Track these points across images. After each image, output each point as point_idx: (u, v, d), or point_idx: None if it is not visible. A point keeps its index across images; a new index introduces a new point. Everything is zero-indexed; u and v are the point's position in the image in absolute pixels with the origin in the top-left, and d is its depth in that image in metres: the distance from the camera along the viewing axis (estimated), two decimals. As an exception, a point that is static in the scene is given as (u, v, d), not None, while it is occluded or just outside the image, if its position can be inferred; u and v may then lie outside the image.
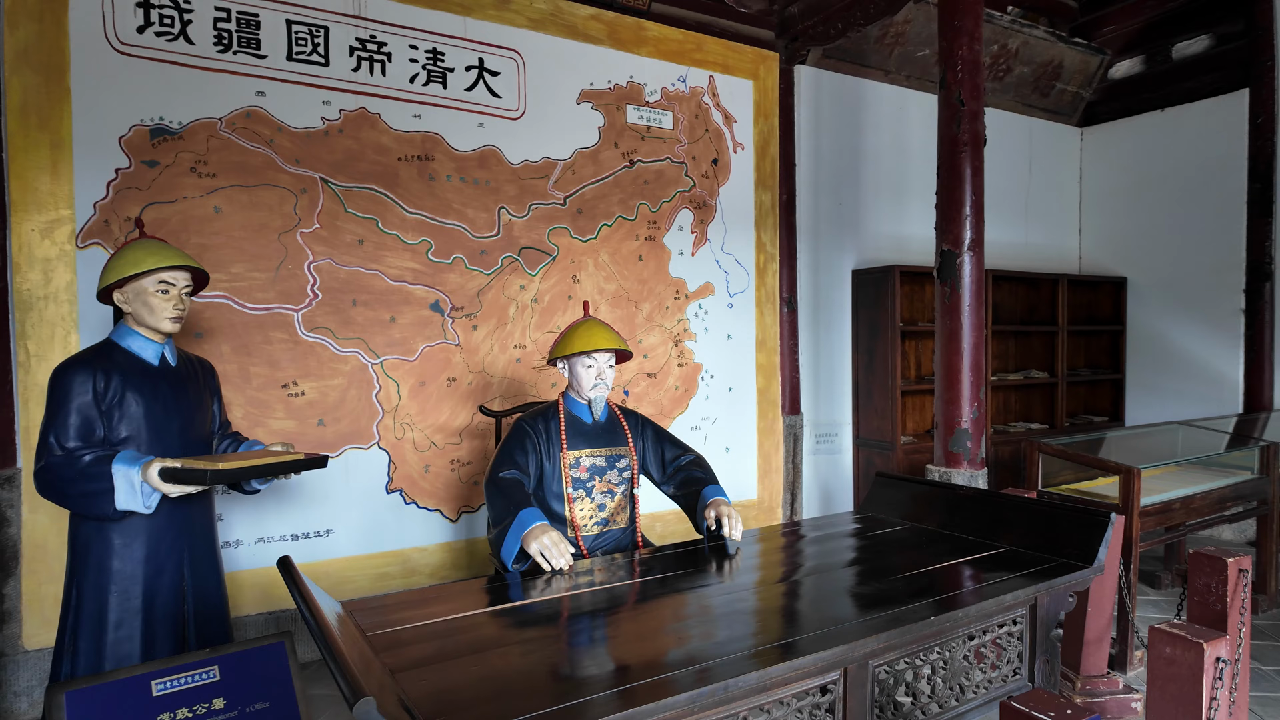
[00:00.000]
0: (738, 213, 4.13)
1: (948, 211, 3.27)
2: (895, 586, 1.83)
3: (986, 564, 2.01)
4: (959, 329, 3.25)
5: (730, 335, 4.13)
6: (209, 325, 2.90)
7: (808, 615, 1.68)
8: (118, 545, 1.98)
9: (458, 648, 1.51)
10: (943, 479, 3.26)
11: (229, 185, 2.91)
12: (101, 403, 1.96)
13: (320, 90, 3.07)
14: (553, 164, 3.57)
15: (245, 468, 1.93)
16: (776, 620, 1.65)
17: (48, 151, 2.64)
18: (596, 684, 1.34)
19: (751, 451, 4.21)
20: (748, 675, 1.36)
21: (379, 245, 3.19)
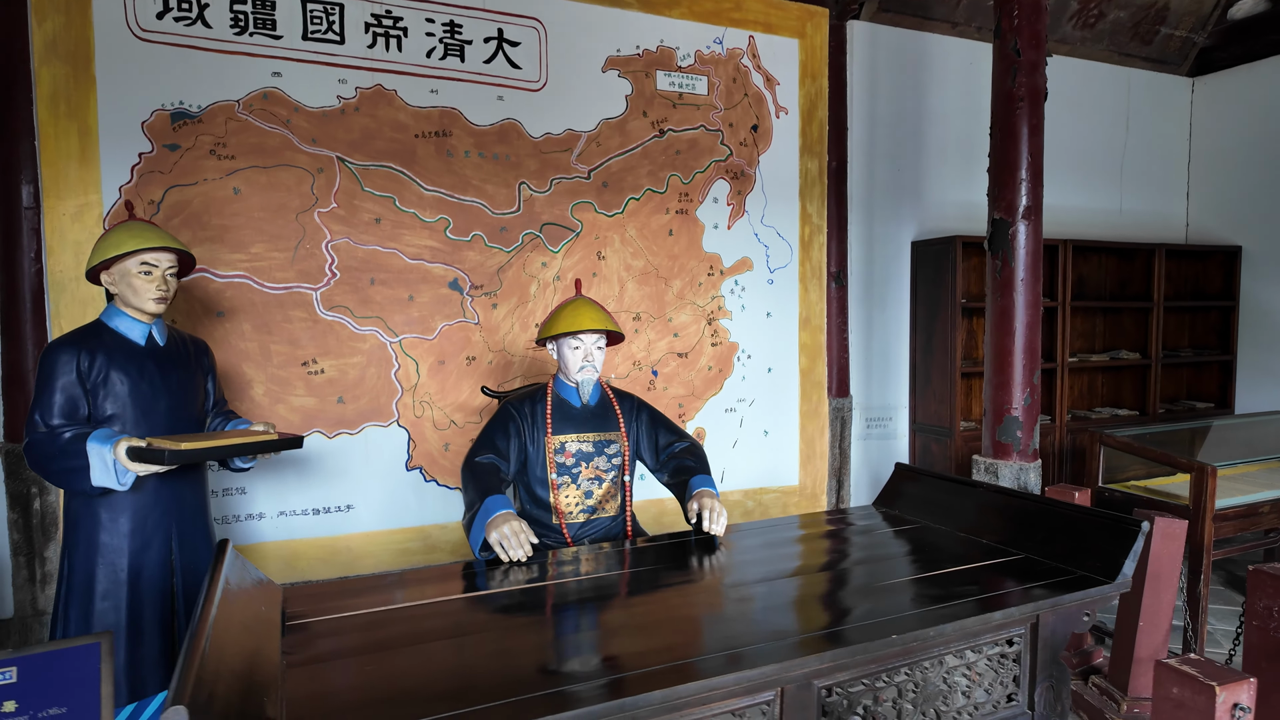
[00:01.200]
0: (780, 182, 3.89)
1: (1001, 175, 2.95)
2: (873, 595, 1.65)
3: (992, 573, 1.78)
4: (1011, 306, 2.93)
5: (770, 313, 3.91)
6: (230, 305, 2.97)
7: (757, 624, 1.52)
8: (105, 519, 2.05)
9: (377, 642, 1.45)
10: (989, 471, 2.97)
11: (247, 166, 2.96)
12: (86, 381, 2.02)
13: (336, 69, 3.07)
14: (576, 136, 3.45)
15: (207, 448, 1.94)
16: (719, 629, 1.51)
17: (76, 139, 2.75)
18: (492, 692, 1.25)
19: (793, 436, 4.00)
20: (651, 694, 1.24)
21: (397, 224, 3.18)
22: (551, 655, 1.39)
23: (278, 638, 1.44)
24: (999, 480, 2.95)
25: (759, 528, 2.26)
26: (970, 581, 1.73)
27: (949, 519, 2.18)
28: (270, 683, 1.24)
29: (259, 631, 1.41)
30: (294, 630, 1.50)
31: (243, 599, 1.48)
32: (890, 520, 2.26)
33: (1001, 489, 2.11)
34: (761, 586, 1.74)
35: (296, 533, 3.12)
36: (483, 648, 1.43)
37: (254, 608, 1.49)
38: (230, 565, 1.57)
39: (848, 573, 1.82)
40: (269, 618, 1.50)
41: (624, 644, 1.43)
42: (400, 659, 1.38)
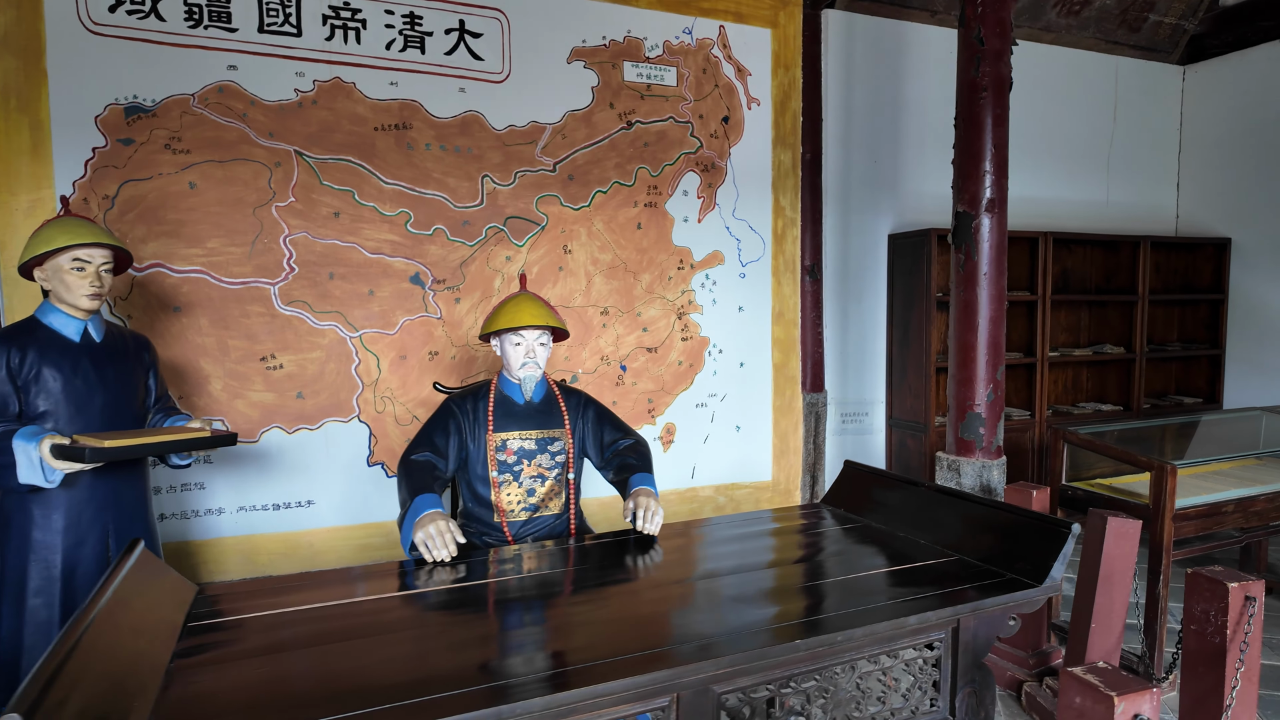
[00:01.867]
0: (752, 175, 3.84)
1: (965, 167, 2.89)
2: (792, 597, 1.62)
3: (920, 575, 1.74)
4: (974, 301, 2.87)
5: (742, 307, 3.87)
6: (186, 299, 2.97)
7: (664, 628, 1.49)
8: (37, 516, 2.05)
9: (279, 642, 1.43)
10: (951, 469, 2.92)
11: (203, 161, 2.95)
12: (17, 378, 2.02)
13: (293, 61, 3.04)
14: (541, 128, 3.42)
15: (130, 445, 1.93)
16: (623, 632, 1.48)
17: (28, 133, 2.74)
18: (369, 698, 1.22)
19: (766, 431, 3.96)
20: (531, 701, 1.21)
21: (356, 218, 3.16)
22: (443, 659, 1.37)
23: (174, 640, 1.42)
24: (961, 478, 2.90)
25: (700, 526, 2.23)
26: (897, 583, 1.69)
27: (892, 518, 2.14)
28: (145, 687, 1.22)
29: (152, 634, 1.39)
30: (196, 631, 1.48)
31: (141, 600, 1.46)
32: (835, 519, 2.23)
33: (942, 489, 2.07)
34: (681, 588, 1.71)
35: (257, 528, 3.12)
36: (381, 650, 1.40)
37: (153, 609, 1.48)
38: (136, 566, 1.56)
39: (774, 574, 1.79)
40: (169, 619, 1.49)
41: (518, 648, 1.41)
42: (298, 660, 1.36)
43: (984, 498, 1.96)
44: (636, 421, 3.68)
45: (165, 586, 1.60)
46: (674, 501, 3.77)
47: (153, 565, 1.64)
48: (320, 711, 1.18)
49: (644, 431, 3.70)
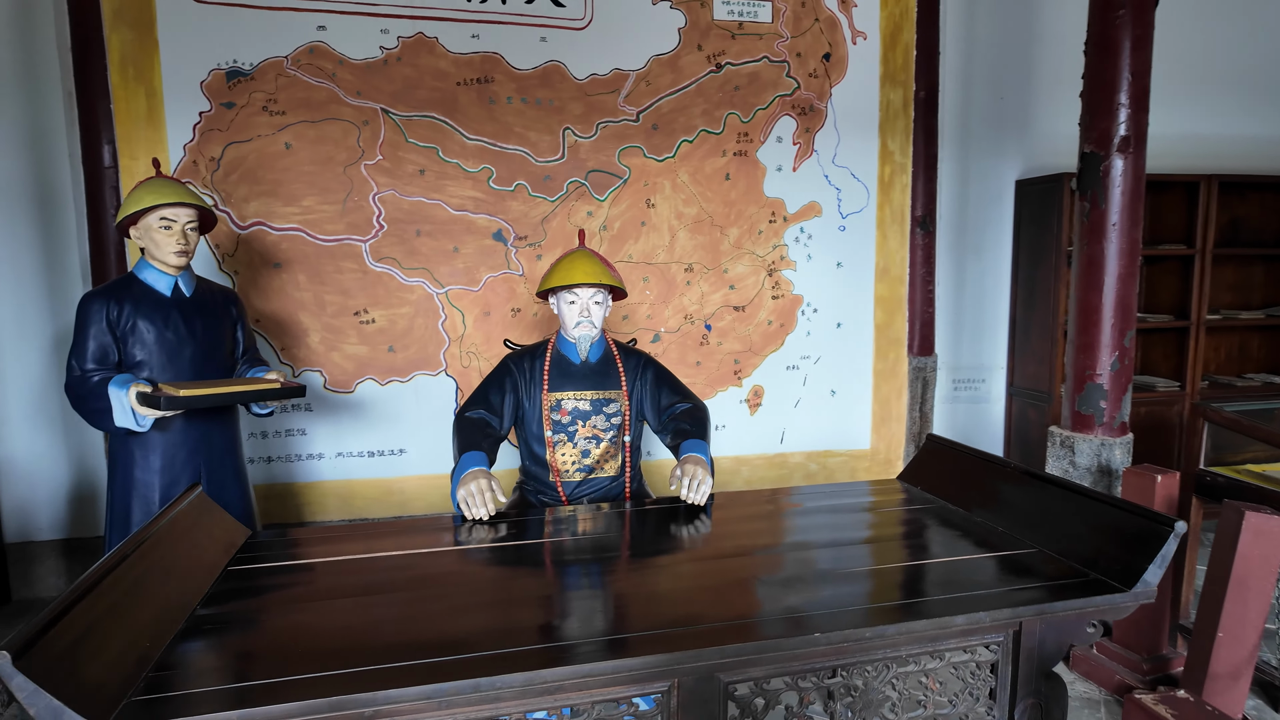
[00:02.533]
0: (856, 117, 3.52)
1: (1094, 100, 2.49)
2: (829, 583, 1.47)
3: (985, 567, 1.54)
4: (1100, 255, 2.51)
5: (841, 263, 3.61)
6: (286, 256, 3.12)
7: (674, 607, 1.40)
8: (138, 457, 2.23)
9: (304, 594, 1.47)
10: (1065, 445, 2.60)
11: (297, 121, 3.06)
12: (115, 330, 2.18)
13: (378, 19, 3.07)
14: (624, 76, 3.28)
15: (203, 395, 2.05)
16: (631, 608, 1.40)
17: (144, 100, 2.95)
18: (358, 656, 1.22)
19: (865, 396, 3.71)
20: (512, 675, 1.16)
21: (440, 174, 3.19)
22: (445, 621, 1.35)
23: (208, 584, 1.49)
24: (1075, 457, 2.57)
25: (758, 498, 2.10)
26: (957, 575, 1.51)
27: (973, 500, 1.92)
28: (162, 631, 1.28)
29: (185, 576, 1.46)
30: (233, 577, 1.55)
31: (185, 543, 1.55)
32: (908, 497, 2.03)
33: (1029, 471, 1.82)
34: (710, 565, 1.61)
35: (353, 473, 3.29)
36: (398, 607, 1.40)
37: (196, 553, 1.56)
38: (187, 509, 1.65)
39: (819, 555, 1.64)
40: (210, 563, 1.56)
41: (519, 617, 1.36)
42: (319, 612, 1.39)
43: (1074, 483, 1.70)
44: (722, 383, 3.55)
45: (215, 531, 1.69)
46: (760, 467, 3.63)
47: (206, 509, 1.73)
48: (316, 667, 1.18)
49: (729, 394, 3.56)
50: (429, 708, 1.16)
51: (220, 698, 1.10)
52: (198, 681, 1.15)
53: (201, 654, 1.24)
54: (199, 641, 1.28)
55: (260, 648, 1.26)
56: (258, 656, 1.23)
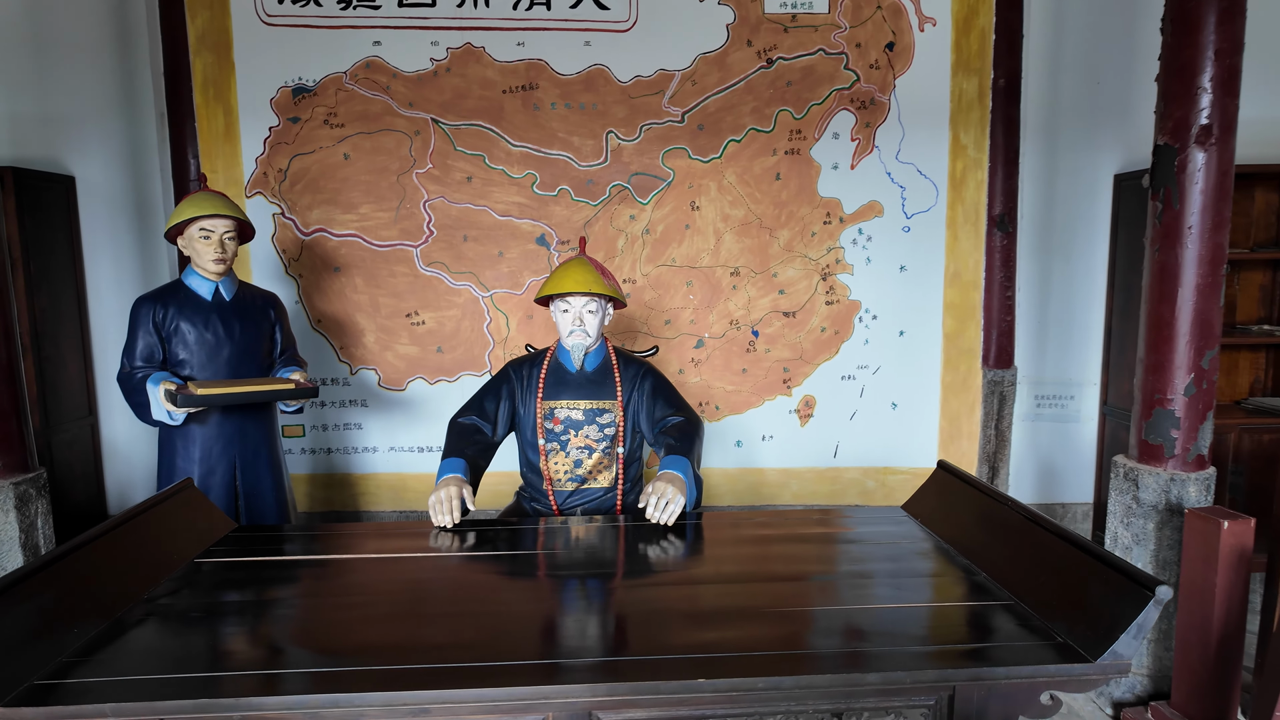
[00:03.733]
0: (924, 109, 3.26)
1: (1171, 85, 2.17)
2: (753, 622, 1.37)
3: (942, 618, 1.38)
4: (1174, 263, 2.18)
5: (905, 266, 3.36)
6: (344, 260, 3.31)
7: (572, 634, 1.35)
8: (180, 447, 2.44)
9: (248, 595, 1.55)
10: (1128, 478, 2.29)
11: (355, 133, 3.23)
12: (161, 330, 2.40)
13: (429, 31, 3.18)
14: (669, 76, 3.21)
15: (217, 394, 2.21)
16: (525, 633, 1.35)
17: (222, 118, 3.22)
18: (244, 663, 1.27)
19: (931, 411, 3.44)
20: (371, 694, 1.16)
21: (486, 181, 3.26)
22: (337, 632, 1.37)
23: (163, 576, 1.60)
24: (1139, 492, 2.25)
25: (737, 520, 2.00)
26: (906, 623, 1.35)
27: (964, 539, 1.72)
28: (92, 618, 1.39)
29: (147, 565, 1.58)
30: (193, 570, 1.65)
31: (159, 532, 1.67)
32: (899, 529, 1.85)
33: (1023, 511, 1.61)
34: (637, 592, 1.54)
35: (405, 467, 3.44)
36: (304, 613, 1.45)
37: (168, 543, 1.68)
38: (174, 501, 1.78)
39: (758, 589, 1.53)
40: (176, 556, 1.68)
41: (418, 632, 1.36)
42: (238, 612, 1.45)
43: (1063, 530, 1.48)
44: (770, 392, 3.40)
45: (197, 523, 1.81)
46: (811, 480, 3.45)
47: (193, 502, 1.86)
48: (205, 667, 1.24)
49: (778, 403, 3.41)
50: (293, 717, 1.18)
51: (118, 689, 1.17)
52: (106, 670, 1.23)
53: (126, 644, 1.33)
54: (134, 631, 1.37)
55: (174, 645, 1.33)
56: (166, 653, 1.30)
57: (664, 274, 3.32)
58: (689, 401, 3.38)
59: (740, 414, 3.42)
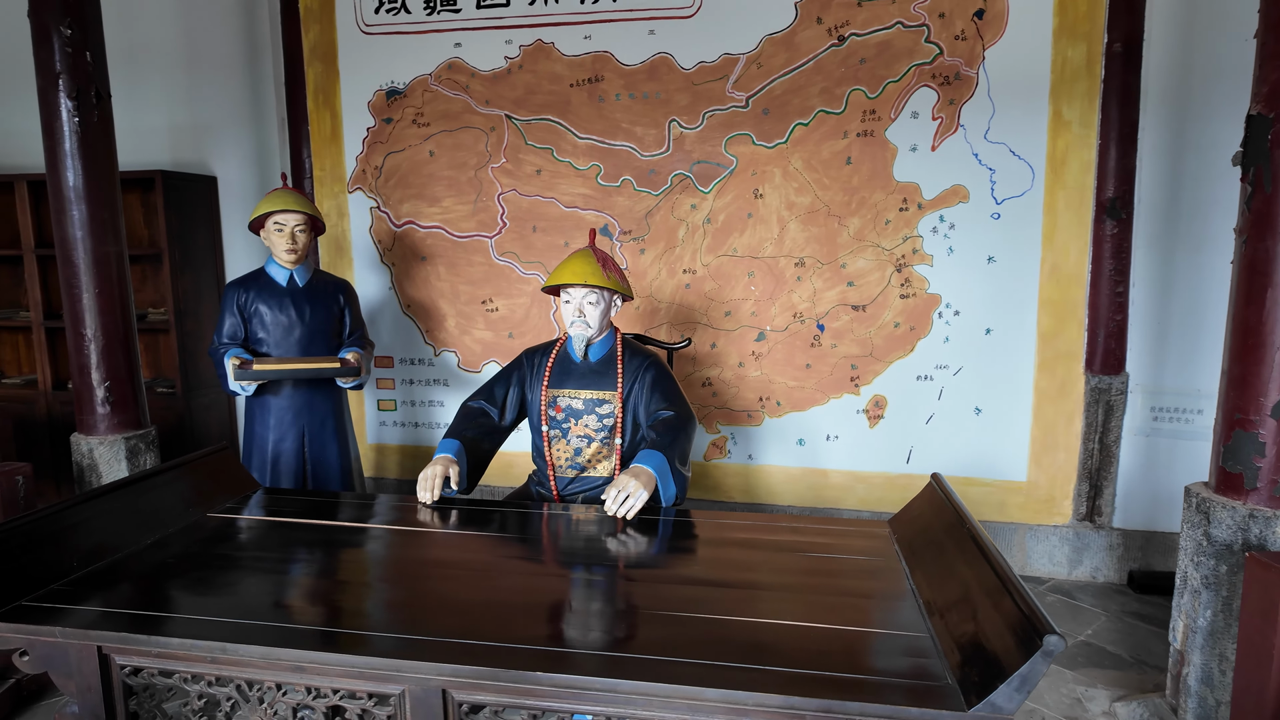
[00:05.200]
0: (1018, 81, 2.92)
1: (1269, 40, 1.80)
2: (641, 625, 1.36)
3: (836, 642, 1.28)
4: (1266, 257, 1.83)
5: (993, 258, 3.03)
6: (430, 251, 3.56)
7: (454, 616, 1.40)
8: (257, 415, 2.78)
9: (222, 548, 1.76)
10: (1200, 510, 1.96)
11: (438, 131, 3.45)
12: (244, 312, 2.73)
13: (503, 31, 3.32)
14: (733, 60, 3.12)
15: (266, 370, 2.48)
16: (415, 610, 1.42)
17: (329, 121, 3.57)
18: (195, 607, 1.45)
19: (1022, 419, 3.09)
20: (253, 646, 1.29)
21: (554, 173, 3.36)
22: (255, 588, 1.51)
23: (172, 526, 1.84)
24: (1210, 528, 1.90)
25: (712, 521, 1.95)
26: (803, 641, 1.27)
27: (925, 560, 1.57)
28: (92, 561, 1.64)
29: (158, 516, 1.83)
30: (202, 522, 1.89)
31: (182, 489, 1.93)
32: (871, 545, 1.72)
33: (974, 536, 1.44)
34: (543, 580, 1.56)
35: (481, 445, 3.65)
36: (268, 574, 1.62)
37: (186, 497, 1.93)
38: (204, 460, 2.05)
39: (675, 590, 1.49)
40: (193, 507, 1.93)
41: (318, 596, 1.47)
42: (219, 566, 1.65)
43: (995, 559, 1.31)
44: (835, 389, 3.23)
45: (225, 482, 2.07)
46: (879, 486, 3.24)
47: (226, 463, 2.12)
48: (162, 607, 1.44)
49: (844, 402, 3.23)
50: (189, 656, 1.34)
51: (83, 617, 1.38)
52: (84, 600, 1.46)
53: (110, 580, 1.56)
54: (123, 570, 1.61)
55: (146, 584, 1.55)
56: (137, 592, 1.51)
57: (725, 264, 3.25)
58: (751, 397, 3.30)
59: (803, 411, 3.28)
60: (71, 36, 2.43)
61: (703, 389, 3.36)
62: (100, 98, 2.51)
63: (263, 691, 1.35)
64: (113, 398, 2.64)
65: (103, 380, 2.62)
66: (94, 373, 2.61)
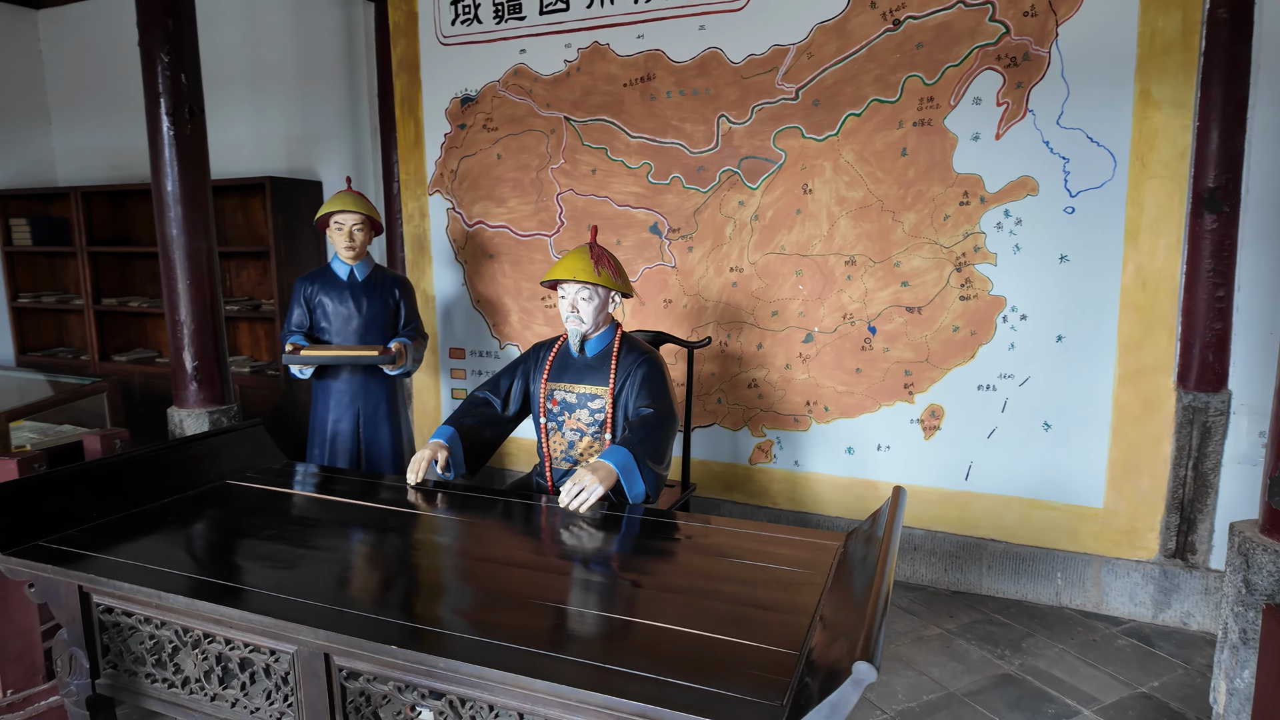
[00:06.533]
0: (1097, 59, 2.60)
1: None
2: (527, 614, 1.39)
3: (702, 654, 1.24)
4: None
5: (1066, 256, 2.72)
6: (497, 249, 3.73)
7: (344, 589, 1.48)
8: (319, 398, 3.05)
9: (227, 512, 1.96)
10: (1241, 551, 1.67)
11: (505, 135, 3.61)
12: (310, 303, 3.01)
13: (563, 35, 3.42)
14: (783, 51, 3.02)
15: (310, 355, 2.72)
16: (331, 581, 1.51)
17: (413, 129, 3.84)
18: (174, 563, 1.65)
19: (1098, 438, 2.75)
20: (176, 597, 1.45)
21: (608, 173, 3.41)
22: (225, 547, 1.68)
23: (191, 489, 2.07)
24: (1250, 573, 1.61)
25: (679, 523, 1.91)
26: (654, 646, 1.25)
27: (843, 577, 1.46)
28: (117, 507, 1.89)
29: (179, 478, 2.07)
30: (221, 489, 2.11)
31: (216, 459, 2.17)
32: (811, 556, 1.62)
33: (878, 559, 1.32)
34: (479, 566, 1.61)
35: (539, 437, 3.78)
36: (246, 533, 1.79)
37: (213, 465, 2.17)
38: (237, 433, 2.29)
39: (580, 584, 1.49)
40: (216, 474, 2.16)
41: (262, 558, 1.61)
42: (217, 530, 1.85)
43: (879, 582, 1.19)
44: (888, 397, 3.03)
45: (254, 455, 2.30)
46: (934, 503, 3.01)
47: (257, 438, 2.36)
48: (156, 561, 1.65)
49: (897, 410, 3.03)
50: (139, 600, 1.52)
51: (87, 563, 1.61)
52: (89, 546, 1.70)
53: (123, 533, 1.80)
54: (137, 525, 1.84)
55: (153, 538, 1.77)
56: (141, 545, 1.73)
57: (772, 262, 3.15)
58: (798, 401, 3.17)
59: (852, 418, 3.11)
60: (169, 61, 2.79)
61: (748, 390, 3.28)
62: (193, 113, 2.87)
63: (194, 638, 1.50)
64: (200, 375, 3.00)
65: (193, 360, 2.99)
66: (186, 353, 2.98)
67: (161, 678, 1.57)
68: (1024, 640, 2.64)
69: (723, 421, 3.35)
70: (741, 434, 3.33)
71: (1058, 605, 2.88)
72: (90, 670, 1.63)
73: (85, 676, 1.63)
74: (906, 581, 3.09)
